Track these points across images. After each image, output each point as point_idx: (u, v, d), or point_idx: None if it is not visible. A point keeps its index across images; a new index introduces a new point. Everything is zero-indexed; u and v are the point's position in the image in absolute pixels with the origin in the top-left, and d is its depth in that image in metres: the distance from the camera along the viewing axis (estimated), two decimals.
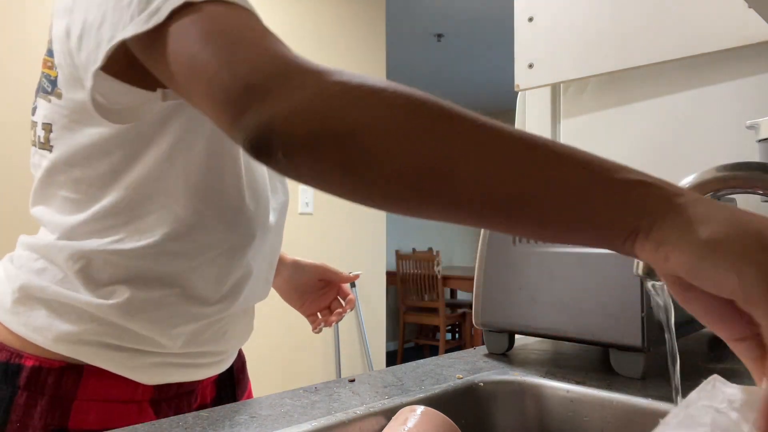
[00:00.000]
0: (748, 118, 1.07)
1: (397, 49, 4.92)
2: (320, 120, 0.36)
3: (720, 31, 1.06)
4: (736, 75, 1.10)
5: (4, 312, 0.61)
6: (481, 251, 0.83)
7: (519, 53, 1.36)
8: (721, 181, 0.57)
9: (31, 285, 0.59)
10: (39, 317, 0.58)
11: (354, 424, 0.54)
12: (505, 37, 4.63)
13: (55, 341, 0.58)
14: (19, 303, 0.60)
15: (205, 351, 0.66)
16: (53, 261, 0.60)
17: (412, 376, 0.70)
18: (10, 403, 0.57)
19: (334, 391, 0.64)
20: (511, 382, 0.68)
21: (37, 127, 0.61)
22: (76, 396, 0.58)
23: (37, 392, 0.57)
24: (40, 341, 0.58)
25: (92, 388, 0.58)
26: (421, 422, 0.49)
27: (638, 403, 0.58)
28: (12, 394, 0.57)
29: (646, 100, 1.22)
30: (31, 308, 0.59)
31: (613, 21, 1.21)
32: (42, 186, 0.62)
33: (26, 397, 0.57)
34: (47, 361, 0.58)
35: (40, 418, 0.57)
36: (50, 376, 0.58)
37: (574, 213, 0.34)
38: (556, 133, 1.38)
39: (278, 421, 0.54)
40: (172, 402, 0.64)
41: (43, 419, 0.57)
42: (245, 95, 0.38)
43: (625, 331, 0.68)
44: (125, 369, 0.60)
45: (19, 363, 0.58)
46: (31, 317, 0.59)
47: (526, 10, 1.35)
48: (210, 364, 0.68)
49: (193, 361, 0.65)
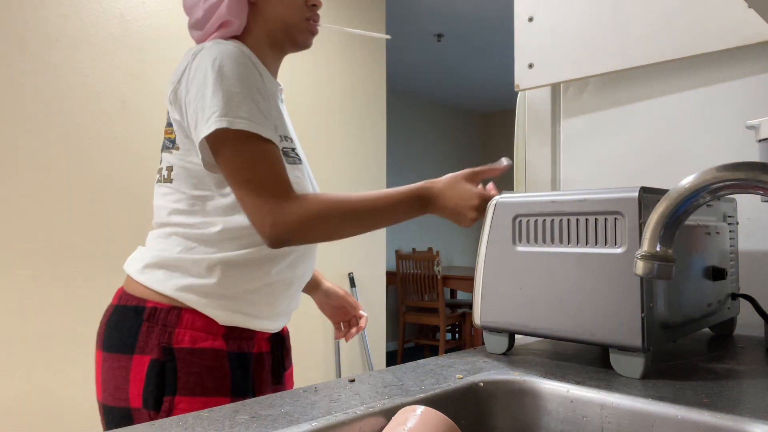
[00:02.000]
0: (748, 118, 1.07)
1: (397, 49, 4.92)
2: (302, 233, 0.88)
3: (720, 31, 1.06)
4: (736, 75, 1.10)
5: (136, 273, 0.94)
6: (480, 251, 0.83)
7: (519, 53, 1.36)
8: (721, 181, 0.57)
9: (158, 255, 0.94)
10: (159, 274, 0.92)
11: (354, 424, 0.54)
12: (505, 37, 4.64)
13: (167, 290, 0.91)
14: (146, 267, 0.94)
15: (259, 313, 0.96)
16: (172, 245, 0.94)
17: (412, 376, 0.70)
18: (138, 329, 0.89)
19: (334, 391, 0.64)
20: (511, 382, 0.68)
21: (162, 170, 0.98)
22: (177, 325, 0.89)
23: (153, 323, 0.89)
24: (159, 290, 0.91)
25: (186, 321, 0.90)
26: (421, 422, 0.49)
27: (638, 403, 0.58)
28: (139, 323, 0.90)
29: (646, 100, 1.22)
30: (154, 270, 0.93)
31: (613, 21, 1.21)
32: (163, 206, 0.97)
33: (147, 326, 0.89)
34: (160, 304, 0.91)
35: (155, 338, 0.89)
36: (161, 313, 0.90)
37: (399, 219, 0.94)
38: (556, 133, 1.37)
39: (278, 421, 0.54)
40: (236, 340, 0.93)
41: (156, 339, 0.89)
42: (262, 224, 0.86)
43: (625, 331, 0.68)
44: (208, 311, 0.91)
45: (144, 306, 0.91)
46: (153, 275, 0.92)
47: (526, 10, 1.35)
48: (262, 320, 0.97)
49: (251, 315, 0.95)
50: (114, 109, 2.39)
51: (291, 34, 1.01)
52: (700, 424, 0.54)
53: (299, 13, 1.00)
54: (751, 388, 0.64)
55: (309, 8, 1.02)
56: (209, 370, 0.88)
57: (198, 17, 0.98)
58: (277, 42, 1.02)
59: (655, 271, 0.58)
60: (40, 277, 2.18)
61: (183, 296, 0.90)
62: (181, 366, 0.87)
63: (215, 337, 0.90)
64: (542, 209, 0.77)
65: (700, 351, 0.86)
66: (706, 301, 0.84)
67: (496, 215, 0.81)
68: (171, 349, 0.88)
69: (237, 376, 0.91)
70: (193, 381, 0.87)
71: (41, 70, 2.21)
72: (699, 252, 0.83)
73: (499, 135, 7.41)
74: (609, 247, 0.70)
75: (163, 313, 0.89)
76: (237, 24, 0.98)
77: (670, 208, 0.59)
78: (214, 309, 0.91)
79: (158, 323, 0.89)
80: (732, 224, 0.96)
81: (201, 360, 0.88)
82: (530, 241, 0.78)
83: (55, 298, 2.21)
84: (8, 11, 2.14)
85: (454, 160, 7.12)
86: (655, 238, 0.59)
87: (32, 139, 2.18)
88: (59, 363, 2.21)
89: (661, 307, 0.71)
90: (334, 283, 1.28)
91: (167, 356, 0.87)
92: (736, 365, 0.76)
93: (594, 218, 0.72)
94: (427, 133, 6.77)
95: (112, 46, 2.40)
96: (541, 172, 1.39)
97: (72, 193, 2.27)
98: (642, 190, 0.68)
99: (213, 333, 0.90)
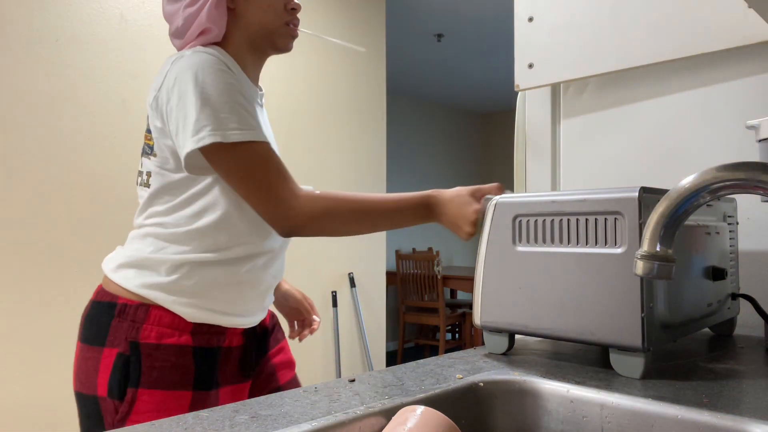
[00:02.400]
0: (748, 118, 1.07)
1: (397, 49, 4.92)
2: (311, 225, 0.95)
3: (720, 31, 1.06)
4: (736, 75, 1.10)
5: (111, 272, 0.99)
6: (480, 251, 0.83)
7: (519, 53, 1.36)
8: (721, 181, 0.57)
9: (131, 255, 0.98)
10: (130, 273, 0.97)
11: (354, 424, 0.54)
12: (505, 37, 4.64)
13: (136, 288, 0.95)
14: (120, 266, 0.99)
15: (228, 310, 1.00)
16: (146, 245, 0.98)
17: (412, 376, 0.70)
18: (109, 324, 0.95)
19: (334, 391, 0.64)
20: (511, 382, 0.68)
21: (142, 174, 1.03)
22: (145, 321, 0.94)
23: (123, 319, 0.94)
24: (129, 288, 0.96)
25: (154, 317, 0.94)
26: (421, 422, 0.49)
27: (638, 403, 0.58)
28: (110, 318, 0.95)
29: (646, 100, 1.22)
30: (126, 269, 0.98)
31: (613, 21, 1.21)
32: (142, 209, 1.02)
33: (117, 321, 0.94)
34: (130, 301, 0.95)
35: (123, 333, 0.93)
36: (131, 309, 0.94)
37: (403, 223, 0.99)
38: (556, 133, 1.38)
39: (278, 421, 0.54)
40: (205, 335, 0.97)
41: (124, 334, 0.93)
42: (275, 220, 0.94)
43: (625, 331, 0.68)
44: (175, 308, 0.95)
45: (116, 302, 0.96)
46: (125, 273, 0.97)
47: (526, 10, 1.35)
48: (231, 318, 1.00)
49: (219, 312, 0.98)
50: (114, 109, 2.39)
51: (271, 39, 1.04)
52: (700, 424, 0.54)
53: (278, 17, 1.02)
54: (751, 388, 0.64)
55: (288, 12, 1.04)
56: (172, 365, 0.93)
57: (178, 25, 1.01)
58: (258, 47, 1.04)
59: (655, 271, 0.58)
60: (40, 277, 2.18)
61: (151, 294, 0.94)
62: (145, 360, 0.92)
63: (181, 333, 0.94)
64: (542, 209, 0.77)
65: (700, 351, 0.86)
66: (706, 301, 0.84)
67: (496, 215, 0.81)
68: (137, 344, 0.92)
69: (201, 371, 0.95)
70: (156, 375, 0.92)
71: (41, 70, 2.21)
72: (699, 252, 0.83)
73: (499, 135, 7.41)
74: (609, 247, 0.70)
75: (133, 310, 0.94)
76: (216, 31, 1.00)
77: (670, 208, 0.59)
78: (182, 306, 0.95)
79: (127, 319, 0.94)
80: (732, 224, 0.96)
81: (165, 355, 0.93)
82: (530, 241, 0.78)
83: (55, 298, 2.21)
84: (8, 11, 2.14)
85: (454, 160, 7.12)
86: (655, 238, 0.59)
87: (32, 139, 2.18)
88: (59, 364, 2.21)
89: (661, 307, 0.71)
90: (292, 285, 1.34)
91: (133, 350, 0.92)
92: (736, 365, 0.76)
93: (594, 218, 0.72)
94: (427, 133, 6.77)
95: (112, 46, 2.39)
96: (541, 172, 1.39)
97: (71, 193, 2.27)
98: (642, 190, 0.68)
99: (180, 329, 0.94)
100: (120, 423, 0.91)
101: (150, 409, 0.91)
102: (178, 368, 0.93)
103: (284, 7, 1.03)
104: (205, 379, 0.95)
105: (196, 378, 0.94)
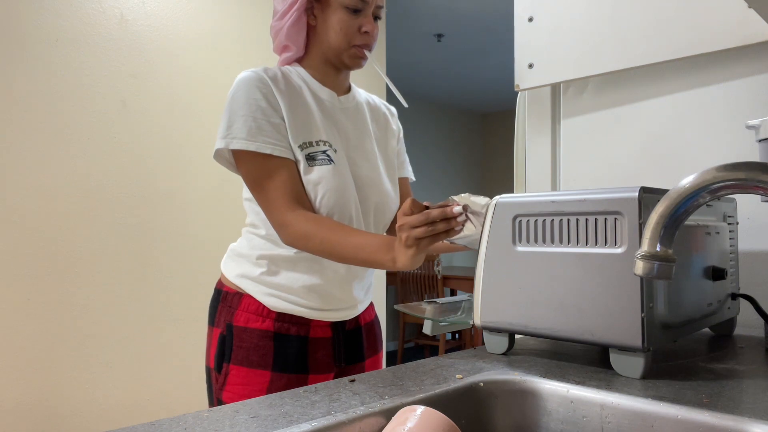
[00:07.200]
0: (748, 118, 1.07)
1: (397, 49, 4.92)
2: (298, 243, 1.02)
3: (720, 31, 1.06)
4: (736, 75, 1.10)
5: (222, 264, 1.17)
6: (480, 251, 0.83)
7: (519, 53, 1.36)
8: (721, 181, 0.57)
9: (234, 249, 1.16)
10: (231, 265, 1.14)
11: (354, 424, 0.54)
12: (505, 37, 4.64)
13: (233, 278, 1.12)
14: (227, 259, 1.17)
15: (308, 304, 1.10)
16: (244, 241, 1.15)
17: (412, 376, 0.70)
18: (216, 308, 1.12)
19: (334, 391, 0.64)
20: (511, 382, 0.68)
21: None
22: (238, 307, 1.09)
23: (225, 304, 1.11)
24: (229, 278, 1.13)
25: (245, 304, 1.09)
26: (421, 422, 0.49)
27: (638, 403, 0.58)
28: (217, 304, 1.12)
29: (646, 100, 1.22)
30: (229, 262, 1.15)
31: (613, 21, 1.21)
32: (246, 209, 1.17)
33: (221, 306, 1.11)
34: (230, 289, 1.12)
35: (224, 316, 1.10)
36: (230, 296, 1.11)
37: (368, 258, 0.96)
38: (556, 133, 1.38)
39: (278, 421, 0.54)
40: (286, 323, 1.08)
41: (224, 317, 1.10)
42: (274, 227, 1.05)
43: (625, 331, 0.68)
44: (260, 297, 1.08)
45: (222, 289, 1.13)
46: (228, 265, 1.15)
47: (526, 10, 1.35)
48: (313, 311, 1.10)
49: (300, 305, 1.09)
50: (114, 109, 2.39)
51: (339, 57, 1.11)
52: (700, 424, 0.54)
53: (348, 39, 1.09)
54: (751, 388, 0.64)
55: (362, 35, 1.10)
56: (254, 346, 1.06)
57: (274, 44, 1.17)
58: (331, 62, 1.14)
59: (655, 271, 0.58)
60: (40, 277, 2.18)
61: (243, 283, 1.10)
62: (236, 340, 1.07)
63: (264, 320, 1.07)
64: (542, 209, 0.77)
65: (700, 351, 0.86)
66: (706, 301, 0.84)
67: (496, 215, 0.81)
68: (231, 326, 1.08)
69: (280, 354, 1.06)
70: (242, 354, 1.06)
71: (41, 70, 2.21)
72: (699, 252, 0.83)
73: (499, 135, 7.41)
74: (609, 247, 0.70)
75: (231, 297, 1.10)
76: (294, 49, 1.13)
77: (670, 208, 0.59)
78: (266, 296, 1.08)
79: (227, 304, 1.10)
80: (732, 224, 0.96)
81: (250, 337, 1.06)
82: (530, 241, 0.78)
83: (54, 298, 2.21)
84: (8, 11, 2.14)
85: (454, 160, 7.12)
86: (655, 238, 0.59)
87: (32, 139, 2.18)
88: (60, 363, 2.21)
89: (661, 307, 0.71)
90: None
91: (228, 331, 1.08)
92: (736, 365, 0.76)
93: (594, 218, 0.72)
94: (427, 133, 6.77)
95: (112, 46, 2.39)
96: (541, 172, 1.39)
97: (71, 193, 2.27)
98: (642, 190, 0.68)
99: (263, 316, 1.08)
100: (219, 391, 1.08)
101: (237, 382, 1.06)
102: (259, 350, 1.06)
103: (358, 29, 1.09)
104: (286, 363, 1.06)
105: (275, 360, 1.06)
